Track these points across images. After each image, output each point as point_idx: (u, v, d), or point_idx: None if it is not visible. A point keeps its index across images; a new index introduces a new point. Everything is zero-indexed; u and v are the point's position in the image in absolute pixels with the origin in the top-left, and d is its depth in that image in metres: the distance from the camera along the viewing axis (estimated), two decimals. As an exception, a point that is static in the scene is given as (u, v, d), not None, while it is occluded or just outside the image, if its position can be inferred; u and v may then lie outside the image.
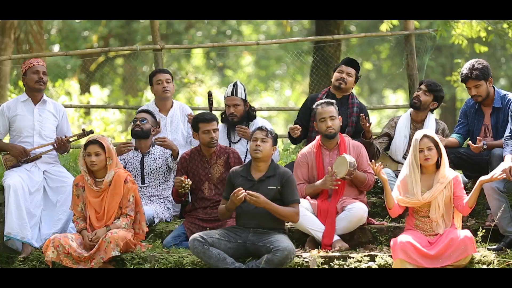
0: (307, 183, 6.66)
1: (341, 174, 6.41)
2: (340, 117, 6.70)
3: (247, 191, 6.00)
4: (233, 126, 7.36)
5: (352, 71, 7.34)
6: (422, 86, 7.25)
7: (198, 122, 6.72)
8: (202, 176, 6.77)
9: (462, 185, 6.18)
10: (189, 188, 6.59)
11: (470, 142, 6.69)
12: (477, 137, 6.61)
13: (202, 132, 6.69)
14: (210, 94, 7.53)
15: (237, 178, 6.23)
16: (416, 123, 7.30)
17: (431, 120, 7.27)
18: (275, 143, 6.29)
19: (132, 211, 6.42)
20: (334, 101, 6.79)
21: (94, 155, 6.38)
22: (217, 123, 6.78)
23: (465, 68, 6.81)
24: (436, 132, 7.15)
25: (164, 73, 7.67)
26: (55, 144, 6.92)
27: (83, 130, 7.04)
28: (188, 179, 6.56)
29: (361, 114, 7.03)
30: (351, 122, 7.26)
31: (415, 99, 7.26)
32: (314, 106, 6.83)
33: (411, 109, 7.35)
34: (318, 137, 6.79)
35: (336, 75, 7.36)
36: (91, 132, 7.08)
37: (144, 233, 6.55)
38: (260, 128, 6.28)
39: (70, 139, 7.03)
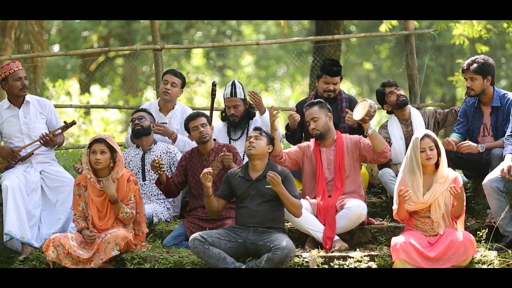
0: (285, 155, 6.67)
1: (361, 115, 6.48)
2: (329, 114, 6.71)
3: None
4: (233, 125, 7.40)
5: (337, 79, 7.46)
6: (393, 88, 7.31)
7: (187, 122, 6.88)
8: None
9: (462, 185, 6.18)
10: (163, 168, 6.64)
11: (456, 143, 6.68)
12: (458, 145, 6.59)
13: (192, 130, 6.84)
14: (214, 85, 7.63)
15: (235, 178, 6.26)
16: (405, 121, 7.33)
17: (416, 114, 7.33)
18: (270, 142, 6.32)
19: (133, 209, 6.42)
20: (319, 100, 6.80)
21: (100, 153, 6.38)
22: (206, 118, 6.87)
23: (468, 59, 6.88)
24: (427, 126, 7.24)
25: (175, 76, 7.64)
26: (41, 141, 6.92)
27: (65, 122, 7.06)
28: (161, 159, 6.65)
29: (345, 110, 7.16)
30: (343, 118, 7.28)
31: (402, 97, 7.29)
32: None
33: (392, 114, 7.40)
34: None
35: (322, 86, 7.46)
36: (74, 122, 7.13)
37: (144, 234, 6.55)
38: (255, 128, 6.35)
39: (56, 133, 6.99)
